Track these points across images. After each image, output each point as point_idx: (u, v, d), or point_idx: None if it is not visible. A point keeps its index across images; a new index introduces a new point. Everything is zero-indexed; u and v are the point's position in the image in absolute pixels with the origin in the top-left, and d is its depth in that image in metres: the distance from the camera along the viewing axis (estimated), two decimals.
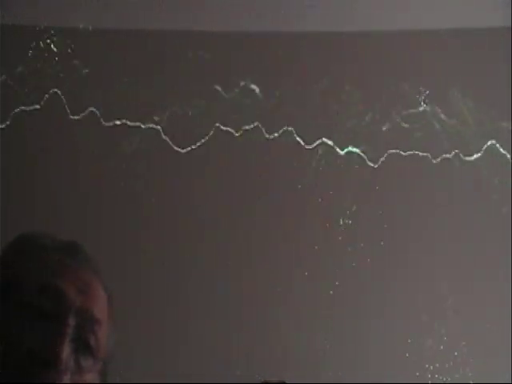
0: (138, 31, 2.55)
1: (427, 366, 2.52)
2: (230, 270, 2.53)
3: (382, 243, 2.59)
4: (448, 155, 2.62)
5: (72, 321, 1.12)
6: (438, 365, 2.51)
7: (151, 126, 2.52)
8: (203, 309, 2.50)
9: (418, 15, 2.60)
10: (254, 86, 2.59)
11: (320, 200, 2.59)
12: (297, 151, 2.60)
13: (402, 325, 2.56)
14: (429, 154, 2.62)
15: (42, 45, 2.48)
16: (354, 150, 2.61)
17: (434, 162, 2.62)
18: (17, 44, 2.47)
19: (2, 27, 2.36)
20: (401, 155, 2.61)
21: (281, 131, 2.58)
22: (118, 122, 2.48)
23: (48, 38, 2.48)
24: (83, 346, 1.12)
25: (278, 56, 2.62)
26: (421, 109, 2.65)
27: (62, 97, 2.48)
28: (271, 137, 2.58)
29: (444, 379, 2.49)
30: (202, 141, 2.56)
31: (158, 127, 2.52)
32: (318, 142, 2.59)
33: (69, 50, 2.50)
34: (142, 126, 2.48)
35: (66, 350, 1.09)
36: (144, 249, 2.52)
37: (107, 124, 2.49)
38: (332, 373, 2.50)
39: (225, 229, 2.57)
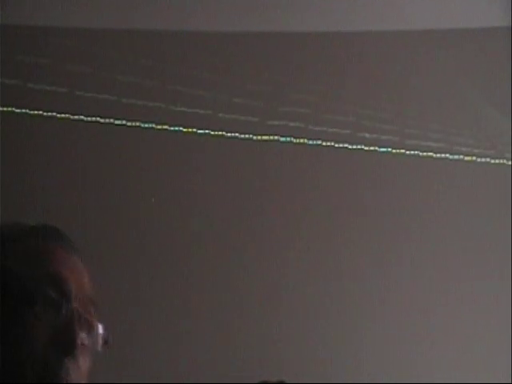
0: (138, 31, 2.56)
1: (426, 365, 2.51)
2: (230, 269, 2.54)
3: (381, 242, 2.59)
4: (449, 155, 2.62)
5: (76, 305, 1.13)
6: (437, 365, 2.51)
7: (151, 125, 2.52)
8: (202, 308, 2.50)
9: (418, 15, 2.60)
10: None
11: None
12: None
13: (402, 325, 2.55)
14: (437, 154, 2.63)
15: (42, 45, 2.49)
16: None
17: (435, 160, 2.63)
18: (17, 44, 2.48)
19: (1, 27, 2.37)
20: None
21: None
22: (117, 122, 2.48)
23: (48, 38, 2.49)
24: (85, 328, 1.14)
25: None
26: None
27: (62, 96, 2.49)
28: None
29: (443, 379, 2.48)
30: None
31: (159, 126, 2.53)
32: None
33: (69, 50, 2.51)
34: (142, 126, 2.49)
35: (79, 334, 1.12)
36: (144, 246, 2.53)
37: (106, 123, 2.50)
38: (332, 373, 2.50)
39: (226, 226, 2.57)
